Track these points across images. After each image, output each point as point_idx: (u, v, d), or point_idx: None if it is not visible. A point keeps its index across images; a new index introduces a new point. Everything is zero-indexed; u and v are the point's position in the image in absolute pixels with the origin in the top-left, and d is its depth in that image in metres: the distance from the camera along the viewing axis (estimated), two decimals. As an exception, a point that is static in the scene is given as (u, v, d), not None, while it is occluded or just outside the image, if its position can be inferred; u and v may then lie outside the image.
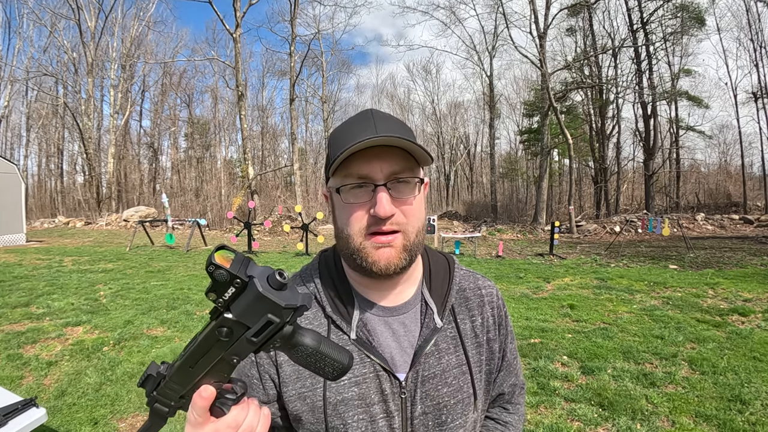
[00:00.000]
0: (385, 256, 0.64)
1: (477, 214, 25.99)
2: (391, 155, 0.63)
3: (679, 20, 19.33)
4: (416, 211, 0.66)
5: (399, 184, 0.64)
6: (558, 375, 3.36)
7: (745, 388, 3.03)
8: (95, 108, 25.96)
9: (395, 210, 0.63)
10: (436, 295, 0.74)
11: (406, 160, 0.64)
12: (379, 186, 0.62)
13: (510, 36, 18.98)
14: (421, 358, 0.68)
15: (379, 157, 0.62)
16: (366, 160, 0.62)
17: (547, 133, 19.24)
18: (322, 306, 0.70)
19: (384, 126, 0.64)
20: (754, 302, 5.37)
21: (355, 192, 0.64)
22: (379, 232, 0.64)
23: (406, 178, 0.64)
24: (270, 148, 34.58)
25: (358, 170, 0.63)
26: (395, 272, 0.66)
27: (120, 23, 27.02)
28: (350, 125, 0.66)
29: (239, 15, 19.37)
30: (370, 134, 0.61)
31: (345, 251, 0.68)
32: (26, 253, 10.53)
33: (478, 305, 0.77)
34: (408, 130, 0.68)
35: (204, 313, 5.19)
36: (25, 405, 1.76)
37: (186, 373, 0.47)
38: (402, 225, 0.65)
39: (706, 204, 22.37)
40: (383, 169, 0.63)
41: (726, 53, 27.87)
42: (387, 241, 0.64)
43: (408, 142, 0.61)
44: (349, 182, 0.64)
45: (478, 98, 32.72)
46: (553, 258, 9.86)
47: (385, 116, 0.67)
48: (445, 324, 0.72)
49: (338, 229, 0.68)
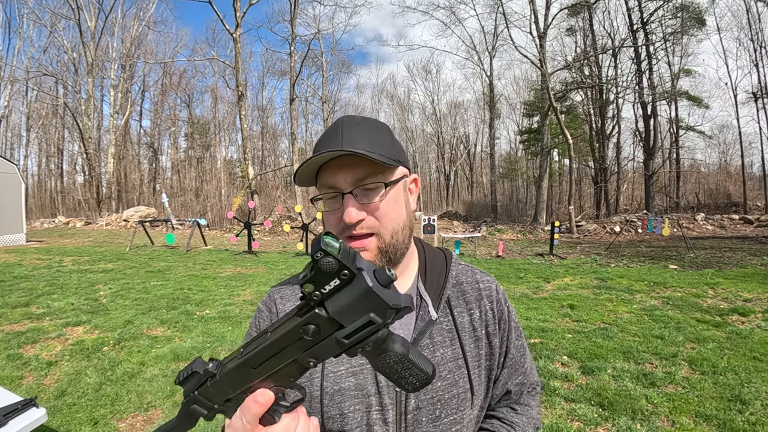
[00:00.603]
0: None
1: (477, 214, 25.99)
2: (356, 164, 0.65)
3: (679, 20, 19.34)
4: (389, 213, 0.68)
5: (366, 190, 0.66)
6: (558, 375, 3.36)
7: (745, 388, 3.03)
8: (95, 108, 25.97)
9: (363, 215, 0.66)
10: (431, 289, 0.74)
11: (373, 165, 0.66)
12: (346, 194, 0.66)
13: (510, 36, 19.00)
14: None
15: (345, 166, 0.66)
16: (332, 171, 0.66)
17: (547, 133, 19.24)
18: None
19: (350, 137, 0.66)
20: (754, 302, 5.37)
21: (328, 201, 0.69)
22: (353, 236, 0.67)
23: (373, 183, 0.66)
24: (270, 148, 34.60)
25: (327, 181, 0.67)
26: None
27: (120, 23, 27.04)
28: (323, 136, 0.70)
29: (239, 15, 19.37)
30: (335, 146, 0.65)
31: None
32: (26, 253, 10.53)
33: (476, 298, 0.77)
34: (381, 133, 0.70)
35: (204, 313, 5.19)
36: (25, 405, 1.76)
37: (245, 374, 0.43)
38: (374, 228, 0.67)
39: (706, 204, 22.37)
40: (347, 178, 0.66)
41: (726, 53, 27.93)
42: (361, 245, 0.67)
43: (366, 153, 0.63)
44: (322, 192, 0.69)
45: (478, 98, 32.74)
46: (553, 258, 9.86)
47: (354, 124, 0.69)
48: (440, 316, 0.72)
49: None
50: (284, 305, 0.75)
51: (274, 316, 0.75)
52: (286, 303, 0.75)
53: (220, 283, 6.95)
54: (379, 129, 0.71)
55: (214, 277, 7.56)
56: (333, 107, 31.53)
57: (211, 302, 5.70)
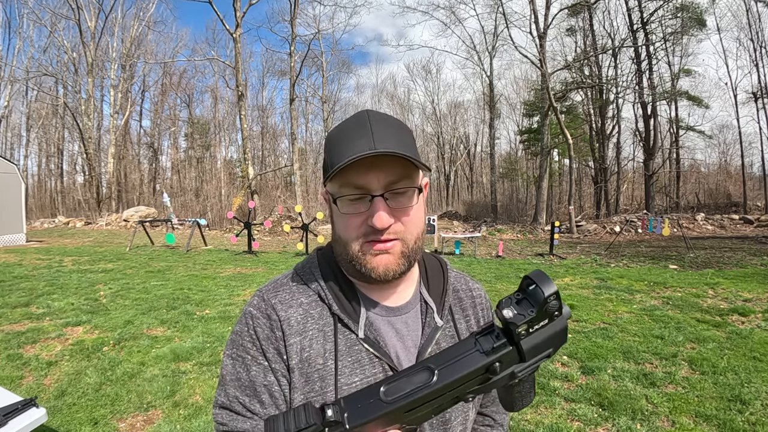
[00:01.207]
0: (383, 262, 0.64)
1: (477, 214, 26.00)
2: (389, 164, 0.61)
3: (679, 20, 19.34)
4: (414, 219, 0.66)
5: (397, 194, 0.63)
6: (558, 375, 3.36)
7: (745, 388, 3.03)
8: (95, 108, 25.97)
9: (393, 221, 0.63)
10: (434, 295, 0.74)
11: (404, 167, 0.62)
12: (377, 197, 0.61)
13: (510, 36, 19.00)
14: (424, 357, 0.68)
15: (376, 166, 0.61)
16: (363, 170, 0.61)
17: (547, 133, 19.24)
18: (327, 304, 0.68)
19: (381, 135, 0.61)
20: (754, 302, 5.37)
21: (352, 203, 0.63)
22: (378, 240, 0.64)
23: (404, 187, 0.63)
24: (270, 148, 34.59)
25: (355, 180, 0.62)
26: (393, 278, 0.66)
27: (120, 23, 27.05)
28: (347, 131, 0.65)
29: (239, 15, 19.37)
30: (367, 144, 0.60)
31: (343, 256, 0.68)
32: (26, 253, 10.53)
33: (470, 305, 0.78)
34: (406, 133, 0.67)
35: (204, 313, 5.19)
36: (25, 405, 1.76)
37: (393, 418, 0.37)
38: (400, 233, 0.64)
39: (706, 204, 22.37)
40: (380, 180, 0.61)
41: (726, 53, 27.89)
42: (385, 248, 0.64)
43: (404, 156, 0.59)
44: (346, 192, 0.63)
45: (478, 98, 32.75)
46: (553, 258, 9.86)
47: (382, 119, 0.65)
48: (444, 323, 0.72)
49: (336, 234, 0.69)
50: (287, 312, 0.67)
51: (275, 324, 0.66)
52: (288, 310, 0.68)
53: (220, 283, 6.95)
54: (405, 128, 0.68)
55: (214, 277, 7.56)
56: (333, 107, 31.54)
57: (211, 302, 5.71)
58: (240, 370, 0.66)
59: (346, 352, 0.65)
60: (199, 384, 3.25)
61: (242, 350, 0.67)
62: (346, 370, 0.64)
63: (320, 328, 0.67)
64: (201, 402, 2.98)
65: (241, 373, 0.65)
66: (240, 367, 0.66)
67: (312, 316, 0.68)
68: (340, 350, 0.65)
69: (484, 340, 0.38)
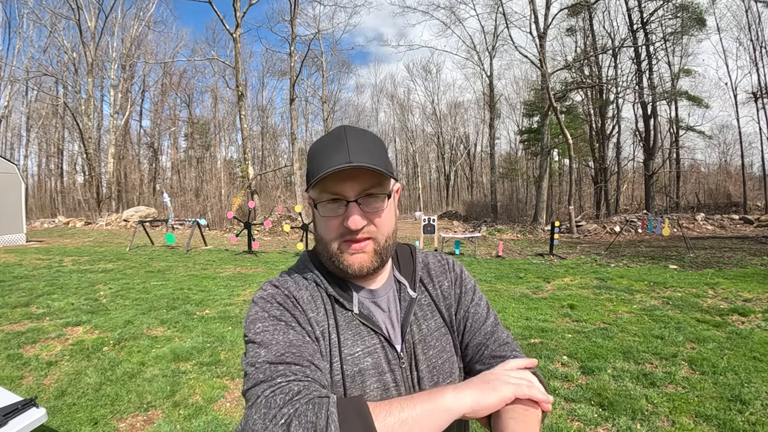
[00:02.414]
0: (358, 260, 0.73)
1: (477, 214, 26.00)
2: (362, 175, 0.71)
3: (679, 20, 19.34)
4: (386, 220, 0.75)
5: (369, 198, 0.72)
6: (558, 375, 3.36)
7: (745, 388, 3.03)
8: (95, 108, 25.97)
9: (365, 222, 0.72)
10: (405, 273, 0.84)
11: (376, 177, 0.72)
12: (351, 203, 0.71)
13: (510, 36, 19.01)
14: (407, 328, 0.77)
15: (351, 177, 0.70)
16: (339, 180, 0.70)
17: (547, 133, 19.24)
18: (323, 287, 0.77)
19: (356, 149, 0.70)
20: (754, 302, 5.37)
21: (330, 206, 0.73)
22: (353, 240, 0.73)
23: (375, 193, 0.72)
24: (270, 148, 34.61)
25: (333, 188, 0.71)
26: (368, 273, 0.75)
27: (120, 23, 27.04)
28: (326, 145, 0.73)
29: (239, 15, 19.37)
30: (344, 158, 0.69)
31: (324, 254, 0.77)
32: (26, 253, 10.53)
33: (442, 272, 0.87)
34: (379, 148, 0.75)
35: (204, 313, 5.19)
36: (25, 405, 1.76)
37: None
38: (373, 233, 0.74)
39: (706, 204, 22.37)
40: (354, 188, 0.71)
41: (726, 53, 27.82)
42: (360, 247, 0.73)
43: (374, 168, 0.69)
44: (324, 198, 0.73)
45: (478, 98, 32.76)
46: (553, 258, 9.86)
47: (357, 136, 0.74)
48: (418, 294, 0.81)
49: (318, 235, 0.78)
50: (299, 293, 0.75)
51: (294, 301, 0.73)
52: (299, 291, 0.76)
53: (220, 283, 6.95)
54: (378, 142, 0.77)
55: (214, 277, 7.56)
56: (333, 107, 31.56)
57: (211, 302, 5.70)
58: (277, 335, 0.67)
59: (346, 326, 0.74)
60: (199, 384, 3.25)
61: (272, 321, 0.69)
62: (348, 342, 0.73)
63: (317, 308, 0.76)
64: (201, 402, 2.98)
65: (278, 337, 0.67)
66: (276, 333, 0.67)
67: (315, 298, 0.77)
68: (340, 325, 0.74)
69: None
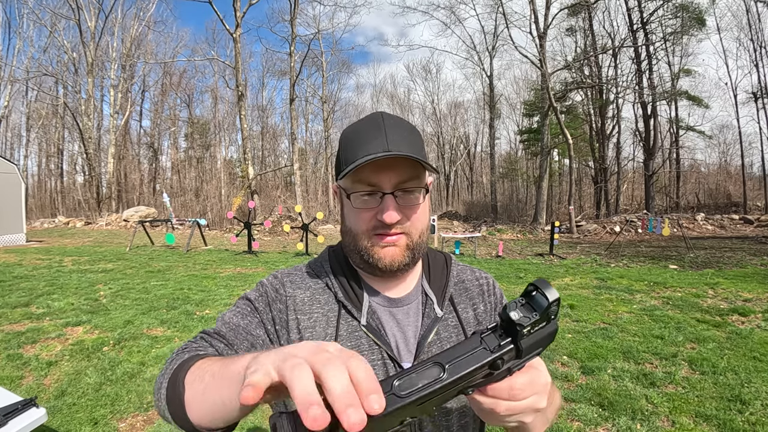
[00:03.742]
0: (389, 254, 0.69)
1: (477, 214, 26.00)
2: (400, 166, 0.66)
3: (679, 20, 19.34)
4: (420, 216, 0.70)
5: (405, 193, 0.67)
6: (558, 375, 3.36)
7: (745, 388, 3.03)
8: (95, 108, 25.96)
9: (400, 216, 0.67)
10: (435, 287, 0.77)
11: (414, 168, 0.67)
12: (387, 195, 0.66)
13: (510, 36, 18.97)
14: (424, 347, 0.70)
15: (388, 167, 0.66)
16: (376, 170, 0.66)
17: (547, 133, 19.24)
18: (333, 292, 0.73)
19: (394, 138, 0.66)
20: (754, 302, 5.37)
21: (364, 198, 0.68)
22: (386, 234, 0.68)
23: (412, 187, 0.68)
24: (270, 148, 34.60)
25: (368, 178, 0.67)
26: (399, 269, 0.70)
27: (120, 23, 27.03)
28: (361, 131, 0.69)
29: (239, 15, 19.37)
30: (381, 146, 0.65)
31: (352, 248, 0.72)
32: (26, 253, 10.53)
33: (478, 294, 0.81)
34: (417, 136, 0.71)
35: (204, 313, 5.19)
36: (25, 405, 1.76)
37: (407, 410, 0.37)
38: (406, 228, 0.69)
39: (706, 204, 22.37)
40: (391, 179, 0.66)
41: (726, 53, 27.79)
42: (392, 240, 0.69)
43: (414, 158, 0.64)
44: (359, 189, 0.68)
45: (478, 98, 32.75)
46: (553, 258, 9.85)
47: (395, 123, 0.69)
48: (445, 313, 0.75)
49: (346, 227, 0.73)
50: (294, 291, 0.73)
51: (281, 298, 0.72)
52: (296, 290, 0.74)
53: (220, 283, 6.95)
54: (416, 132, 0.73)
55: (214, 277, 7.56)
56: (333, 107, 31.56)
57: (211, 302, 5.70)
58: (233, 317, 0.70)
59: (346, 337, 0.69)
60: (199, 384, 3.25)
61: (245, 305, 0.72)
62: None
63: (324, 313, 0.72)
64: (201, 402, 2.98)
65: (235, 319, 0.69)
66: (238, 316, 0.70)
67: (318, 300, 0.73)
68: (340, 335, 0.69)
69: (488, 338, 0.42)
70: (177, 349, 0.63)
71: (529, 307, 0.42)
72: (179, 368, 0.54)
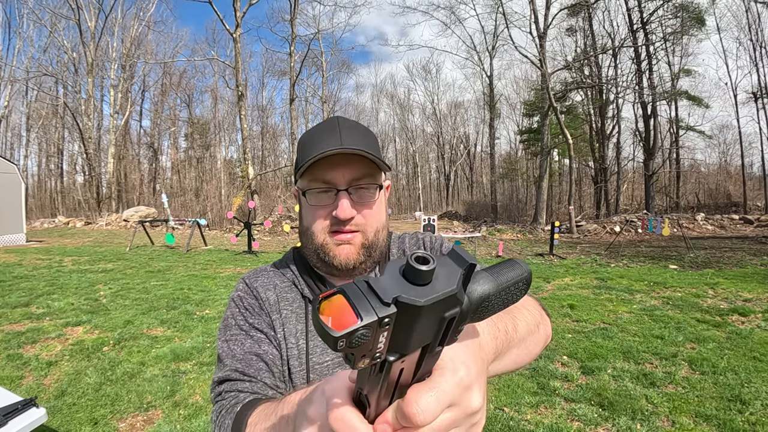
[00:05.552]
0: (344, 252, 0.70)
1: (477, 214, 25.99)
2: (354, 163, 0.68)
3: (679, 20, 19.34)
4: (375, 213, 0.72)
5: (360, 189, 0.69)
6: (558, 375, 3.36)
7: (745, 388, 3.03)
8: (95, 108, 25.96)
9: (355, 213, 0.69)
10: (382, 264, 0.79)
11: (368, 167, 0.69)
12: (341, 191, 0.68)
13: (510, 36, 18.97)
14: None
15: (342, 164, 0.67)
16: (330, 167, 0.67)
17: (547, 133, 19.25)
18: (299, 289, 0.75)
19: (348, 136, 0.68)
20: (754, 302, 5.37)
21: (319, 195, 0.70)
22: (341, 231, 0.70)
23: (366, 184, 0.69)
24: (270, 148, 34.62)
25: (323, 176, 0.68)
26: (354, 267, 0.72)
27: (120, 23, 27.03)
28: (317, 133, 0.71)
29: (239, 15, 19.37)
30: (335, 144, 0.66)
31: (309, 247, 0.74)
32: (26, 253, 10.53)
33: (414, 244, 0.84)
34: (372, 139, 0.73)
35: (204, 313, 5.19)
36: (25, 405, 1.76)
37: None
38: (361, 225, 0.71)
39: (706, 204, 22.38)
40: (345, 176, 0.68)
41: (726, 53, 27.80)
42: (347, 239, 0.70)
43: (367, 154, 0.66)
44: (314, 186, 0.69)
45: (478, 98, 32.76)
46: (553, 258, 9.85)
47: (351, 125, 0.72)
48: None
49: (303, 226, 0.75)
50: (266, 294, 0.75)
51: (261, 303, 0.74)
52: (267, 292, 0.75)
53: (220, 283, 6.95)
54: (371, 134, 0.75)
55: (214, 277, 7.56)
56: (333, 107, 31.55)
57: (211, 302, 5.70)
58: (235, 347, 0.70)
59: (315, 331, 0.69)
60: (199, 384, 3.25)
61: (235, 329, 0.72)
62: (317, 349, 0.70)
63: (293, 310, 0.73)
64: (201, 402, 2.98)
65: (236, 349, 0.69)
66: (235, 345, 0.70)
67: (286, 299, 0.75)
68: (310, 330, 0.71)
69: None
70: (215, 416, 0.62)
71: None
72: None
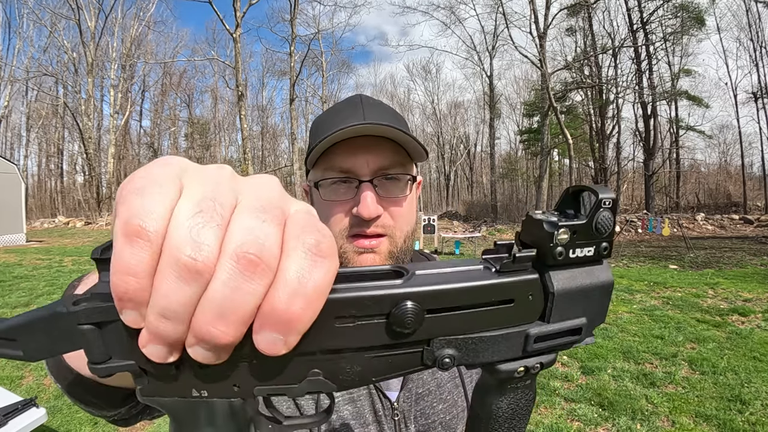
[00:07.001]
0: (367, 262, 0.55)
1: (477, 214, 26.00)
2: (380, 147, 0.54)
3: (679, 20, 19.35)
4: (406, 213, 0.58)
5: (387, 181, 0.55)
6: (558, 375, 3.36)
7: (745, 388, 3.03)
8: (95, 108, 25.97)
9: (381, 211, 0.54)
10: None
11: (397, 153, 0.55)
12: (365, 183, 0.54)
13: (510, 36, 18.99)
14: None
15: (366, 149, 0.53)
16: (350, 152, 0.53)
17: (547, 133, 19.25)
18: None
19: (373, 113, 0.54)
20: (754, 302, 5.36)
21: (336, 188, 0.56)
22: (363, 235, 0.55)
23: (396, 174, 0.55)
24: (270, 148, 34.63)
25: (341, 163, 0.54)
26: None
27: (120, 23, 27.04)
28: (336, 111, 0.58)
29: (239, 15, 19.37)
30: (358, 120, 0.52)
31: None
32: (26, 253, 10.52)
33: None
34: (401, 119, 0.60)
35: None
36: (25, 405, 1.76)
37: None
38: (389, 228, 0.56)
39: (706, 204, 22.38)
40: (370, 163, 0.54)
41: (726, 53, 27.80)
42: (371, 246, 0.55)
43: (399, 132, 0.51)
44: (330, 176, 0.55)
45: (478, 98, 32.74)
46: (553, 258, 9.85)
47: (376, 102, 0.59)
48: None
49: None
50: None
51: None
52: None
53: (220, 283, 6.95)
54: (399, 115, 0.60)
55: (214, 277, 7.56)
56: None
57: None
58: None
59: None
60: (199, 384, 3.25)
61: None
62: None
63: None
64: (201, 402, 2.98)
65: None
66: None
67: None
68: None
69: (495, 259, 0.24)
70: None
71: (568, 212, 0.24)
72: None
